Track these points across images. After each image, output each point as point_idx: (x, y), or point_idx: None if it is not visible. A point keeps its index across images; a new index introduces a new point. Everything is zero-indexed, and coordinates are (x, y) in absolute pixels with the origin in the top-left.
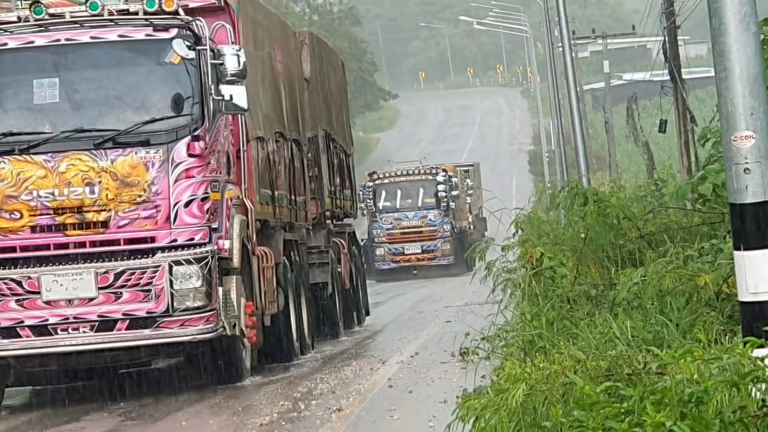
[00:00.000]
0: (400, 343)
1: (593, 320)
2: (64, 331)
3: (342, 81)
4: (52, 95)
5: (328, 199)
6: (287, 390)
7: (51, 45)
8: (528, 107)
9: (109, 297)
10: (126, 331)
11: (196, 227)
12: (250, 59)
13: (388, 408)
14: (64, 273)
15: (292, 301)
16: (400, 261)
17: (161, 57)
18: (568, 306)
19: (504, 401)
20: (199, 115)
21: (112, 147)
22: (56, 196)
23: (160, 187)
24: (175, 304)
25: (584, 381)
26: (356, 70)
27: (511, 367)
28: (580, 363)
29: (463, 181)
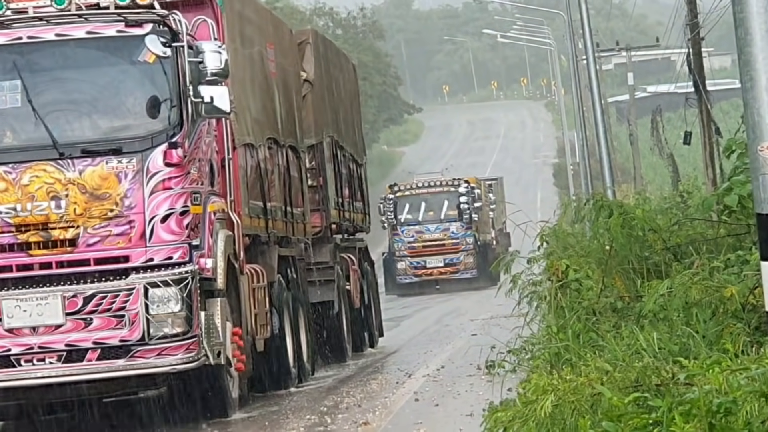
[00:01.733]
0: (426, 356)
1: (619, 332)
2: (28, 362)
3: (354, 85)
4: (14, 99)
5: (334, 211)
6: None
7: (12, 44)
8: (552, 120)
9: (78, 324)
10: (97, 362)
11: (175, 245)
12: (237, 58)
13: (414, 421)
14: (27, 297)
15: (288, 324)
16: (422, 275)
17: (134, 55)
18: (594, 318)
19: (532, 412)
20: (177, 120)
21: (81, 156)
22: (18, 211)
23: (134, 201)
24: (151, 330)
25: (612, 392)
26: (380, 84)
27: (538, 379)
28: (608, 374)
29: (486, 195)
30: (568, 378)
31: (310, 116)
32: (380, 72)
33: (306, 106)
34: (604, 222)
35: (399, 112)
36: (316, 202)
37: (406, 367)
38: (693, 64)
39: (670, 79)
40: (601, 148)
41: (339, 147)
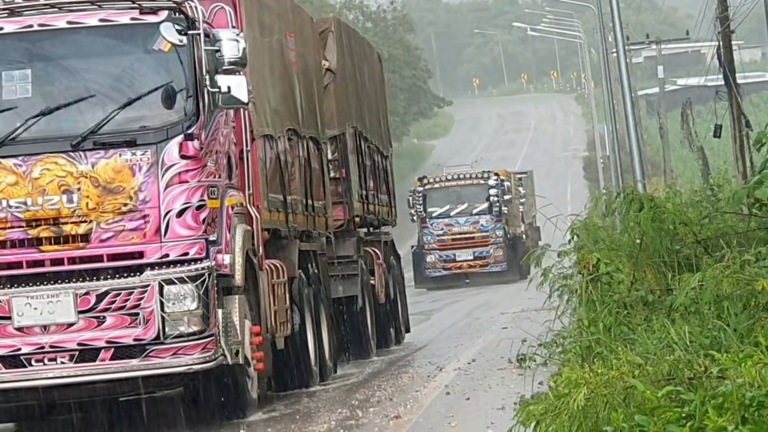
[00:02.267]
0: (456, 349)
1: (650, 325)
2: (39, 362)
3: (379, 75)
4: (24, 89)
5: (357, 204)
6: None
7: (22, 32)
8: (582, 113)
9: (91, 322)
10: (110, 362)
11: (191, 240)
12: (256, 46)
13: (446, 415)
14: (38, 295)
15: (309, 320)
16: (451, 268)
17: (149, 44)
18: (625, 311)
19: (565, 406)
20: (193, 111)
21: (93, 148)
22: (29, 205)
23: (148, 194)
24: (166, 329)
25: (645, 386)
26: (410, 77)
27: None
28: (640, 368)
29: (516, 188)
30: (600, 371)
31: (333, 106)
32: (410, 65)
33: (328, 96)
34: (634, 215)
35: (429, 105)
36: (339, 195)
37: (437, 361)
38: (723, 57)
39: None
40: (631, 141)
41: (363, 138)
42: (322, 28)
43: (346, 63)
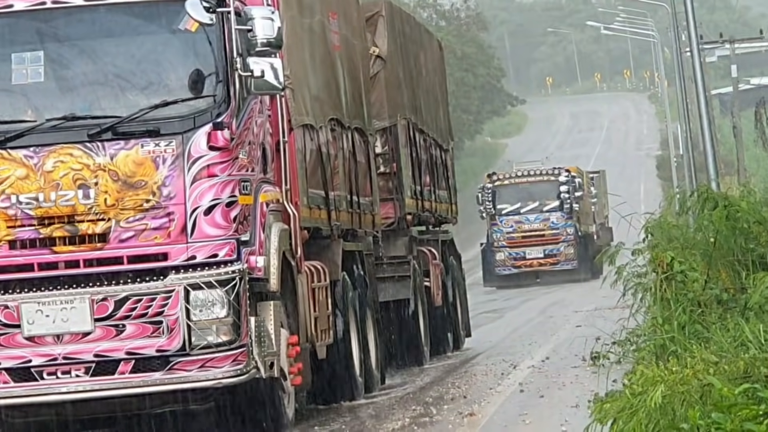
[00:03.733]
0: (530, 347)
1: (725, 324)
2: (51, 375)
3: (439, 64)
4: (36, 73)
5: (410, 201)
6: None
7: (34, 9)
8: (655, 112)
9: (109, 331)
10: (131, 375)
11: (221, 240)
12: (294, 27)
13: (520, 413)
14: (50, 301)
15: (354, 327)
16: (521, 266)
17: (174, 23)
18: (699, 310)
19: (641, 403)
20: (224, 97)
21: (112, 138)
22: (41, 201)
23: (173, 190)
24: (193, 339)
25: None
26: (484, 75)
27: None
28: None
29: (588, 187)
30: (676, 369)
31: (383, 96)
32: (484, 64)
33: (377, 85)
34: (708, 214)
35: (502, 103)
36: (389, 191)
37: (511, 358)
38: None
39: None
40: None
41: (418, 130)
42: (371, 12)
43: (399, 50)
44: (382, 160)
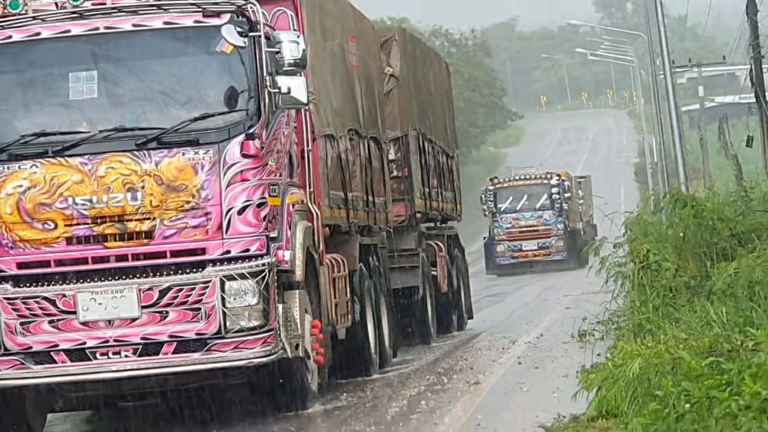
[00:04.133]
0: (527, 326)
1: (692, 306)
2: (103, 355)
3: (446, 82)
4: (90, 90)
5: (419, 201)
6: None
7: (89, 34)
8: (634, 126)
9: (154, 317)
10: (173, 355)
11: (252, 237)
12: (317, 50)
13: (518, 381)
14: (103, 290)
15: (369, 311)
16: (518, 257)
17: (211, 46)
18: (671, 294)
19: (622, 374)
20: (255, 111)
21: (157, 147)
22: (94, 203)
23: (210, 192)
24: (228, 324)
25: (690, 357)
26: (487, 94)
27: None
28: (685, 342)
29: (576, 189)
30: (651, 345)
31: (396, 110)
32: (488, 84)
33: (391, 100)
34: (679, 213)
35: (503, 118)
36: (401, 192)
37: (510, 335)
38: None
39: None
40: (675, 150)
41: (427, 140)
42: (386, 37)
43: (410, 70)
44: (394, 165)
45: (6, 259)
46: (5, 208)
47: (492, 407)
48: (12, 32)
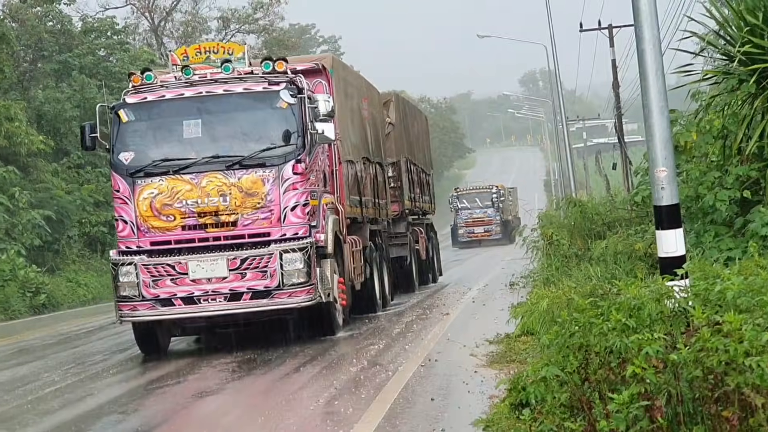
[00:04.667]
0: (477, 279)
1: (579, 267)
2: (205, 301)
3: (425, 128)
4: (197, 131)
5: (407, 202)
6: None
7: (196, 96)
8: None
9: (237, 276)
10: (250, 301)
11: (300, 225)
12: (342, 107)
13: (472, 313)
14: (204, 259)
15: (376, 272)
16: (472, 237)
17: (274, 103)
18: (566, 260)
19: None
20: (302, 145)
21: (239, 168)
22: (199, 203)
23: (273, 197)
24: (284, 281)
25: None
26: (453, 137)
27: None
28: (575, 289)
29: (508, 195)
30: (554, 291)
31: (392, 145)
32: (453, 131)
33: (389, 139)
34: (570, 209)
35: (463, 152)
36: (395, 197)
37: (467, 284)
38: (617, 127)
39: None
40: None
41: (412, 163)
42: (386, 98)
43: (402, 119)
44: (392, 179)
45: (143, 239)
46: (143, 207)
47: (457, 328)
48: (147, 95)
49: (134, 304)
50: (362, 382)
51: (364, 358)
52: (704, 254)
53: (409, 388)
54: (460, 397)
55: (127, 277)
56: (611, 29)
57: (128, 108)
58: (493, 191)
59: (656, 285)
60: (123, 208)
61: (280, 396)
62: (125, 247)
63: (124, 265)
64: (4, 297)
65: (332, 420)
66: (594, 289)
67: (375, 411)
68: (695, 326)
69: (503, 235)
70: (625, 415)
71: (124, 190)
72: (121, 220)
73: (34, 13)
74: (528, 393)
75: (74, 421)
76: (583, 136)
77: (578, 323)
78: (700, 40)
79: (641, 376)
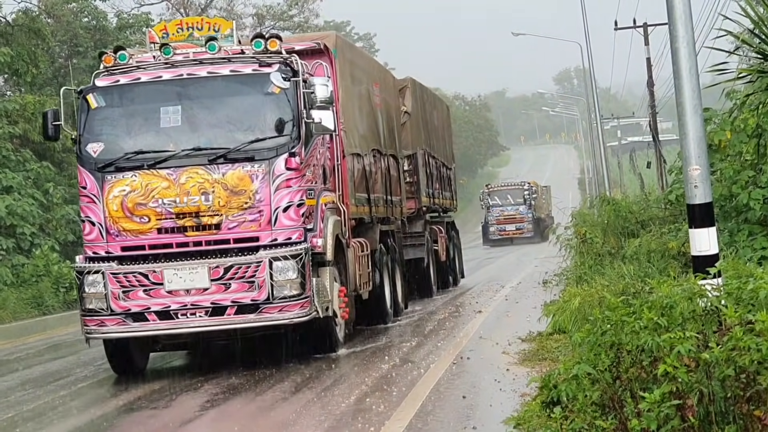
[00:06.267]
0: (510, 277)
1: (612, 266)
2: (183, 315)
3: (446, 118)
4: (176, 120)
5: (425, 198)
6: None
7: (175, 79)
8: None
9: (220, 287)
10: (234, 316)
11: (293, 228)
12: (347, 92)
13: (505, 310)
14: (182, 267)
15: (386, 279)
16: (503, 234)
17: (264, 88)
18: (599, 258)
19: (568, 306)
20: (296, 136)
21: (224, 162)
22: (177, 203)
23: (262, 196)
24: (274, 293)
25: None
26: (487, 135)
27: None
28: (607, 287)
29: (541, 192)
30: (586, 289)
31: (409, 135)
32: (487, 129)
33: (405, 129)
34: (604, 208)
35: (497, 150)
36: (412, 193)
37: (500, 282)
38: (652, 126)
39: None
40: (602, 170)
41: (431, 156)
42: (402, 85)
43: (419, 108)
44: (407, 174)
45: (113, 244)
46: (113, 206)
47: (489, 326)
48: (120, 77)
49: (101, 319)
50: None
51: (368, 380)
52: (738, 253)
53: (441, 386)
54: (492, 395)
55: (94, 288)
56: (646, 27)
57: (98, 92)
58: (525, 188)
59: (688, 284)
60: (90, 208)
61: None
62: (92, 252)
63: (90, 274)
64: (38, 292)
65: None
66: (626, 287)
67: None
68: (727, 325)
69: (535, 233)
70: (656, 414)
71: (91, 187)
72: (88, 222)
73: (69, 9)
74: (559, 391)
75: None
76: (617, 135)
77: (610, 321)
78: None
79: (673, 375)
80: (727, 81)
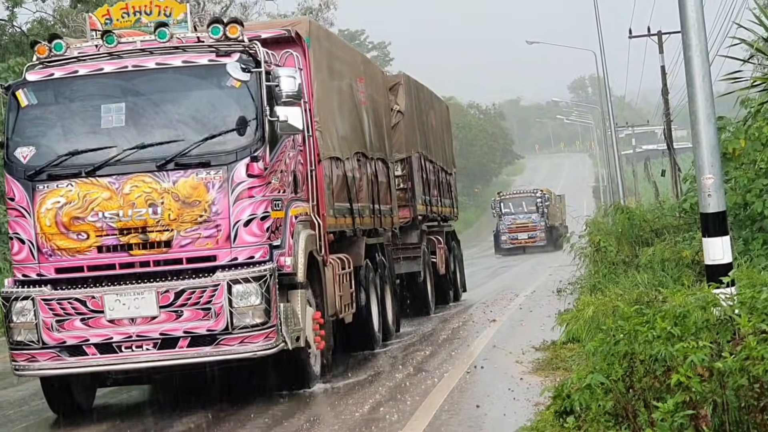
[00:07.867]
0: (524, 286)
1: (626, 274)
2: (128, 348)
3: (445, 119)
4: (119, 119)
5: (420, 206)
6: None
7: (118, 71)
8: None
9: (171, 315)
10: (187, 349)
11: (256, 245)
12: (323, 87)
13: (519, 320)
14: (126, 292)
15: (374, 298)
16: (515, 243)
17: (223, 81)
18: (613, 266)
19: (582, 315)
20: (260, 137)
21: (174, 168)
22: (121, 216)
23: (220, 207)
24: (234, 321)
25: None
26: (502, 143)
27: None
28: (621, 296)
29: (555, 200)
30: (600, 298)
31: (402, 137)
32: (502, 137)
33: (398, 130)
34: (618, 216)
35: (512, 158)
36: (406, 200)
37: (514, 291)
38: (666, 134)
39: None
40: (617, 178)
41: (428, 160)
42: (394, 82)
43: (414, 107)
44: (401, 179)
45: (45, 265)
46: (45, 221)
47: (503, 335)
48: (54, 70)
49: (32, 353)
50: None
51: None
52: (752, 262)
53: (455, 395)
54: (506, 404)
55: (23, 317)
56: (660, 35)
57: (28, 87)
58: (537, 195)
59: (702, 293)
60: (19, 223)
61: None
62: (22, 275)
63: (19, 300)
64: None
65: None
66: (640, 296)
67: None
68: (741, 334)
69: (548, 242)
70: (670, 424)
71: (20, 199)
72: (17, 240)
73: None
74: (573, 400)
75: None
76: (632, 143)
77: (623, 331)
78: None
79: (686, 385)
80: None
